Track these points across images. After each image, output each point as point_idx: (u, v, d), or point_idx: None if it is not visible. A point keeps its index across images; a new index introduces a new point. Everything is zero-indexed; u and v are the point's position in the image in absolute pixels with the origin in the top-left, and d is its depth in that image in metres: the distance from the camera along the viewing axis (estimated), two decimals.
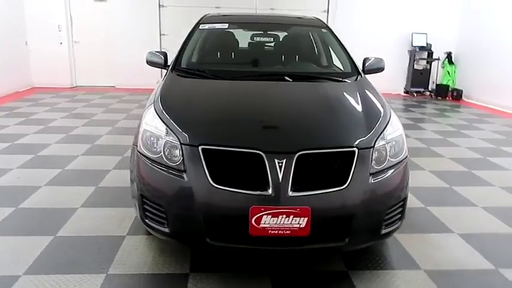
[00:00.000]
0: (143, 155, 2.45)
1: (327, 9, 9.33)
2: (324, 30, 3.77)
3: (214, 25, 3.76)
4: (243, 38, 3.99)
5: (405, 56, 9.58)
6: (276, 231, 2.19)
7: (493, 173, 4.46)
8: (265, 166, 2.20)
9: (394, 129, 2.56)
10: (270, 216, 2.17)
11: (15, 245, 2.76)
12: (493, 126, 6.71)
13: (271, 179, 2.18)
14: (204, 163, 2.23)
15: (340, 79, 3.13)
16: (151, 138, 2.46)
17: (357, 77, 3.20)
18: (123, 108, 7.32)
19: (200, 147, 2.26)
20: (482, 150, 5.33)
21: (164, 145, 2.38)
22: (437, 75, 9.68)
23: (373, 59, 3.45)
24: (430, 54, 9.46)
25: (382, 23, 9.39)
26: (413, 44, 9.36)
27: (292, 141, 2.27)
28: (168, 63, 3.51)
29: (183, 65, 3.30)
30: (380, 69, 3.44)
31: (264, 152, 2.21)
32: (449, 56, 9.51)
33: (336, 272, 2.56)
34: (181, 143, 2.31)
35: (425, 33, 9.35)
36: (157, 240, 2.82)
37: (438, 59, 9.49)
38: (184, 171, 2.27)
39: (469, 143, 5.67)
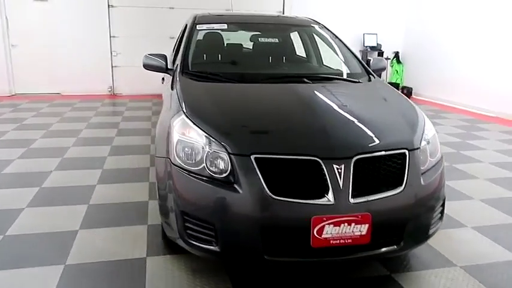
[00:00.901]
0: (180, 168, 2.23)
1: (282, 10, 9.37)
2: (322, 30, 3.73)
3: (212, 25, 3.56)
4: (243, 38, 3.82)
5: (358, 55, 9.90)
6: (338, 241, 2.09)
7: (471, 165, 4.70)
8: (323, 173, 2.09)
9: (429, 128, 2.56)
10: (332, 225, 2.07)
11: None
12: (451, 122, 7.12)
13: (332, 186, 2.08)
14: (259, 173, 2.07)
15: (356, 80, 3.09)
16: (188, 149, 2.25)
17: (370, 78, 3.18)
18: (80, 117, 6.76)
19: (253, 157, 2.10)
20: (453, 144, 5.61)
21: (206, 156, 2.18)
22: (387, 73, 10.12)
23: (375, 59, 3.47)
24: (381, 53, 9.86)
25: (335, 24, 9.53)
26: (365, 44, 9.70)
27: (348, 145, 2.19)
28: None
29: (191, 68, 3.07)
30: (383, 69, 3.46)
31: (321, 159, 2.10)
32: (396, 55, 9.98)
33: (381, 276, 2.51)
34: (229, 153, 2.13)
35: (376, 34, 9.73)
36: (186, 259, 2.60)
37: (388, 58, 9.92)
38: (235, 182, 2.09)
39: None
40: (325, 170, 2.09)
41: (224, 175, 2.13)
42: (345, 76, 3.14)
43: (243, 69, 3.35)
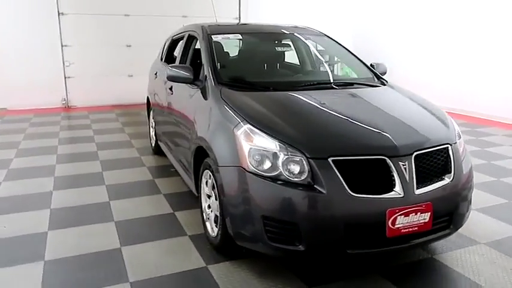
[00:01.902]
0: (256, 175, 2.32)
1: (238, 17, 9.53)
2: (326, 38, 3.96)
3: (227, 36, 3.64)
4: (254, 48, 3.92)
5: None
6: (407, 229, 2.32)
7: None
8: (391, 169, 2.31)
9: (456, 124, 2.89)
10: (403, 216, 2.29)
11: None
12: None
13: (400, 181, 2.30)
14: (338, 174, 2.23)
15: (376, 84, 3.34)
16: (261, 156, 2.35)
17: (383, 82, 3.44)
18: (46, 133, 6.39)
19: (330, 159, 2.26)
20: None
21: (283, 161, 2.29)
22: None
23: (377, 64, 3.76)
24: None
25: None
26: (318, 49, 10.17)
27: (407, 143, 2.42)
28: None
29: (225, 78, 3.12)
30: (384, 73, 3.77)
31: (388, 157, 2.32)
32: None
33: (425, 259, 2.78)
34: (307, 157, 2.27)
35: None
36: (248, 263, 2.68)
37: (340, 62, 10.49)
38: (315, 184, 2.23)
39: None
40: (392, 166, 2.31)
41: (303, 178, 2.26)
42: (365, 81, 3.38)
43: (274, 77, 3.46)
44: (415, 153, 2.40)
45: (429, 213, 2.36)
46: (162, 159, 5.03)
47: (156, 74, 4.85)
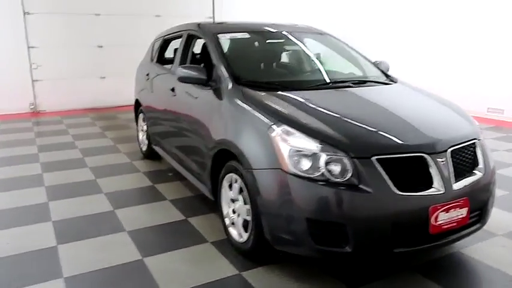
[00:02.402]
0: (298, 176, 2.25)
1: (212, 16, 9.38)
2: (329, 37, 3.94)
3: (234, 35, 3.53)
4: (262, 46, 3.83)
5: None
6: (448, 225, 2.34)
7: None
8: (429, 166, 2.32)
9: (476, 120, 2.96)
10: (444, 212, 2.31)
11: None
12: None
13: (441, 177, 2.31)
14: (383, 173, 2.21)
15: (388, 82, 3.35)
16: (300, 157, 2.28)
17: (392, 79, 3.47)
18: (22, 140, 5.99)
19: (374, 158, 2.23)
20: None
21: (325, 161, 2.24)
22: None
23: (381, 62, 3.79)
24: None
25: None
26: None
27: (442, 139, 2.43)
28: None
29: (242, 78, 3.02)
30: (387, 71, 3.80)
31: (426, 154, 2.32)
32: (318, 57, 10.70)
33: (452, 253, 2.82)
34: (351, 157, 2.23)
35: None
36: (282, 268, 2.60)
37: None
38: (360, 183, 2.19)
39: None
40: (430, 163, 2.31)
41: (346, 178, 2.21)
42: (376, 79, 3.38)
43: (290, 77, 3.39)
44: (450, 149, 2.42)
45: (466, 208, 2.39)
46: (155, 163, 4.84)
47: (147, 75, 4.66)
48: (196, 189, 3.92)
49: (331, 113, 2.57)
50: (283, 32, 3.74)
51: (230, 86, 2.95)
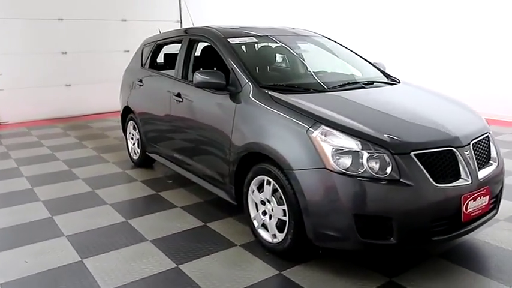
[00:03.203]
0: (343, 174, 2.35)
1: (180, 20, 9.29)
2: (325, 38, 4.08)
3: (243, 39, 3.57)
4: (272, 50, 3.87)
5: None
6: (475, 213, 2.54)
7: None
8: (457, 159, 2.50)
9: None
10: (473, 200, 2.50)
11: None
12: None
13: (467, 168, 2.50)
14: (422, 167, 2.36)
15: (393, 82, 3.53)
16: (345, 156, 2.38)
17: (396, 80, 3.64)
18: None
19: (412, 153, 2.38)
20: None
21: (367, 159, 2.35)
22: None
23: (377, 63, 3.98)
24: None
25: None
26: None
27: (465, 133, 2.62)
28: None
29: (262, 82, 3.07)
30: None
31: (455, 148, 2.51)
32: None
33: (469, 239, 3.04)
34: (392, 153, 2.36)
35: None
36: (321, 264, 2.69)
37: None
38: (401, 178, 2.33)
39: None
40: (459, 156, 2.50)
41: (388, 173, 2.34)
42: (382, 80, 3.55)
43: (305, 79, 3.46)
44: (472, 142, 2.62)
45: (488, 196, 2.60)
46: (150, 171, 4.76)
47: (141, 81, 4.56)
48: (204, 194, 3.91)
49: (363, 112, 2.69)
50: (289, 36, 3.83)
51: (253, 90, 2.99)
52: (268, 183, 2.77)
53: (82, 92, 8.35)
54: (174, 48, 4.76)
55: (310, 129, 2.51)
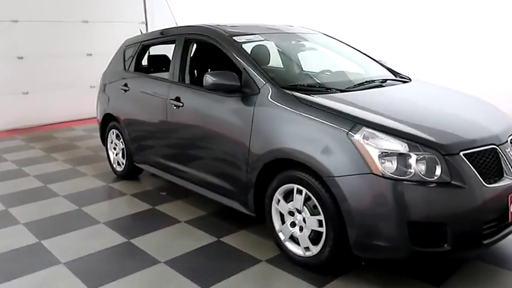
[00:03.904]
0: (393, 179, 2.18)
1: (145, 21, 8.82)
2: (326, 36, 3.91)
3: (249, 37, 3.32)
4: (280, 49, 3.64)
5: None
6: None
7: None
8: (500, 156, 2.41)
9: None
10: None
11: None
12: None
13: (510, 166, 2.41)
14: (472, 167, 2.24)
15: (406, 80, 3.42)
16: (392, 159, 2.22)
17: (406, 77, 3.54)
18: None
19: (461, 153, 2.25)
20: None
21: (416, 161, 2.20)
22: None
23: (381, 60, 3.87)
24: None
25: None
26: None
27: (502, 130, 2.54)
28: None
29: (280, 83, 2.84)
30: None
31: (497, 145, 2.41)
32: None
33: None
34: (443, 154, 2.21)
35: None
36: (360, 276, 2.50)
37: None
38: (452, 180, 2.19)
39: None
40: (501, 153, 2.41)
41: (438, 175, 2.20)
42: (392, 77, 3.43)
43: (322, 79, 3.26)
44: (509, 139, 2.55)
45: None
46: (138, 184, 4.38)
47: (126, 86, 4.18)
48: (205, 206, 3.63)
49: (398, 112, 2.54)
50: (292, 34, 3.63)
51: (273, 91, 2.76)
52: (299, 192, 2.56)
53: (42, 99, 7.69)
54: (159, 50, 4.45)
55: (351, 132, 2.31)
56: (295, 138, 2.54)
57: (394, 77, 3.42)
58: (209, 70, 4.19)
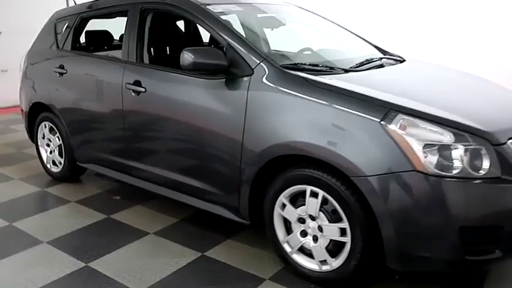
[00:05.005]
0: (442, 177, 1.80)
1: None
2: (299, 8, 3.42)
3: (227, 7, 2.73)
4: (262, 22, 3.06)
5: None
6: None
7: None
8: None
9: None
10: None
11: None
12: None
13: None
14: None
15: (400, 59, 3.04)
16: (435, 152, 1.83)
17: (401, 58, 3.18)
18: None
19: (510, 142, 1.92)
20: None
21: (464, 154, 1.83)
22: None
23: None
24: None
25: None
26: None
27: None
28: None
29: (278, 61, 2.32)
30: None
31: None
32: None
33: None
34: (493, 144, 1.86)
35: None
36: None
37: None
38: (503, 174, 1.86)
39: None
40: None
41: (486, 169, 1.85)
42: (388, 57, 3.05)
43: (323, 57, 2.77)
44: None
45: None
46: (82, 187, 3.63)
47: (61, 68, 3.37)
48: (173, 211, 3.05)
49: (429, 96, 2.16)
50: (271, 5, 3.10)
51: (271, 72, 2.23)
52: (314, 194, 2.10)
53: None
54: (99, 25, 3.69)
55: (385, 121, 1.88)
56: (308, 130, 2.05)
57: (387, 56, 3.05)
58: (170, 47, 3.54)
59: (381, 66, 2.70)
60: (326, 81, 2.15)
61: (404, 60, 3.00)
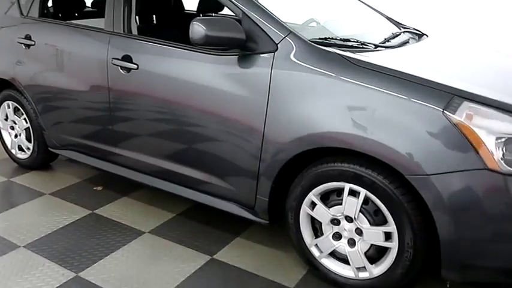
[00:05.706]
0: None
1: None
2: None
3: None
4: None
5: None
6: None
7: None
8: None
9: None
10: None
11: None
12: None
13: None
14: None
15: (421, 34, 2.76)
16: (507, 146, 1.57)
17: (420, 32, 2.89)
18: None
19: None
20: None
21: None
22: None
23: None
24: None
25: None
26: None
27: None
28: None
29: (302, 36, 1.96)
30: None
31: None
32: None
33: None
34: None
35: None
36: None
37: None
38: None
39: None
40: None
41: None
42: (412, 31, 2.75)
43: (348, 31, 2.40)
44: None
45: None
46: (55, 175, 3.18)
47: (28, 38, 2.84)
48: (166, 205, 2.69)
49: (484, 79, 1.90)
50: None
51: (300, 48, 1.88)
52: (352, 193, 1.81)
53: None
54: None
55: (448, 110, 1.59)
56: (351, 119, 1.73)
57: (406, 29, 2.75)
58: (160, 16, 3.08)
59: (407, 42, 2.41)
60: (371, 60, 1.82)
61: (424, 35, 2.73)
